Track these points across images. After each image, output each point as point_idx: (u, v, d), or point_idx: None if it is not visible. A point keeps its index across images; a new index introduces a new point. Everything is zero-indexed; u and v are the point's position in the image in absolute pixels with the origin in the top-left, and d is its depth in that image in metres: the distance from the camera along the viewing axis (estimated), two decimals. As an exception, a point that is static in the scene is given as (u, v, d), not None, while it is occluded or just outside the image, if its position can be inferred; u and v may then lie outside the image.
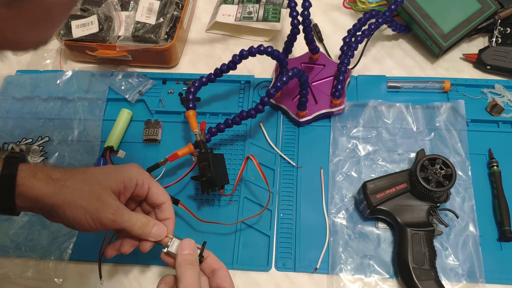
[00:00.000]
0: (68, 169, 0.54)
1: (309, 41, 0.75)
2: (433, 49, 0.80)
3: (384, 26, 0.83)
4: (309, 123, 0.77)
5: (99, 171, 0.55)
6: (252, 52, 0.67)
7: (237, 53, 0.68)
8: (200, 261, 0.54)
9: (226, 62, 0.71)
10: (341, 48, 0.78)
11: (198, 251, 0.54)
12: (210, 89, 0.80)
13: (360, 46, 0.77)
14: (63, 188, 0.51)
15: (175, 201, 0.67)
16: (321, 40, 0.87)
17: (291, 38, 0.75)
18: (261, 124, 0.78)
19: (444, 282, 0.63)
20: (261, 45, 0.67)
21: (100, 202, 0.52)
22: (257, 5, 0.87)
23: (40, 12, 0.33)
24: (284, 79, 0.64)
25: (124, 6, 0.84)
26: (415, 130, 0.75)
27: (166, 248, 0.54)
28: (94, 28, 0.81)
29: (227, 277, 0.53)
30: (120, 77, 0.83)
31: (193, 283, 0.50)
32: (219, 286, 0.52)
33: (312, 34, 0.74)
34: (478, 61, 0.80)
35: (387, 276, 0.65)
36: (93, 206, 0.52)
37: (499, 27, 0.81)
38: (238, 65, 0.71)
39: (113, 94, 0.82)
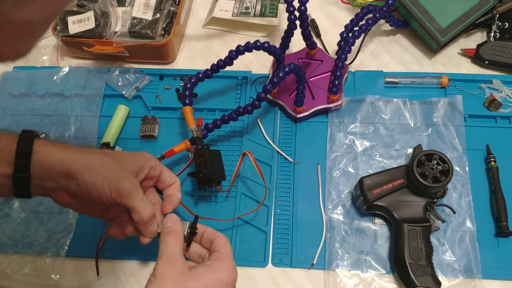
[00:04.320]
0: (84, 147, 0.55)
1: (306, 37, 0.75)
2: (431, 44, 0.80)
3: (382, 21, 0.83)
4: (306, 119, 0.77)
5: (115, 153, 0.56)
6: (248, 47, 0.67)
7: (234, 48, 0.68)
8: (194, 233, 0.54)
9: (223, 58, 0.71)
10: (339, 44, 0.77)
11: (187, 225, 0.54)
12: (207, 85, 0.80)
13: (358, 42, 0.76)
14: (83, 156, 0.52)
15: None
16: (318, 35, 0.86)
17: (288, 34, 0.75)
18: (258, 120, 0.78)
19: (440, 277, 0.63)
20: (257, 41, 0.67)
21: (121, 172, 0.52)
22: (254, 0, 0.87)
23: (19, 25, 0.31)
24: (281, 74, 0.64)
25: (121, 2, 0.84)
26: (412, 125, 0.74)
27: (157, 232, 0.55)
28: (90, 24, 0.81)
29: (221, 243, 0.52)
30: (117, 73, 0.83)
31: (166, 250, 0.50)
32: (213, 251, 0.52)
33: (309, 29, 0.74)
34: (476, 56, 0.80)
35: (384, 271, 0.65)
36: (114, 173, 0.52)
37: (497, 22, 0.80)
38: (235, 61, 0.70)
39: (110, 90, 0.82)
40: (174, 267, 0.48)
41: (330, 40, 0.86)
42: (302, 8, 0.68)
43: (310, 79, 0.78)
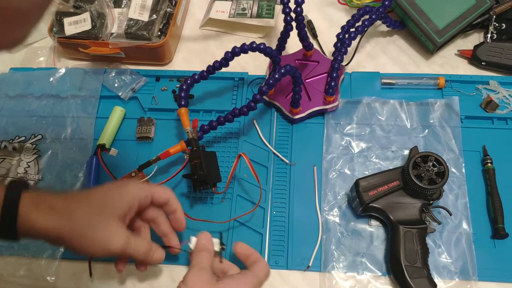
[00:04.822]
0: (70, 195, 0.54)
1: (302, 38, 0.75)
2: (428, 45, 0.80)
3: (379, 22, 0.83)
4: (302, 120, 0.77)
5: (103, 197, 0.55)
6: (244, 49, 0.67)
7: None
8: (223, 249, 0.58)
9: (219, 59, 0.70)
10: (335, 45, 0.77)
11: (217, 242, 0.58)
12: (203, 86, 0.80)
13: (354, 43, 0.76)
14: (69, 220, 0.51)
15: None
16: (315, 36, 0.86)
17: (284, 35, 0.75)
18: (254, 121, 0.77)
19: (436, 279, 0.62)
20: (253, 42, 0.66)
21: (108, 231, 0.53)
22: (251, 2, 0.87)
23: (13, 13, 0.31)
24: (276, 76, 0.64)
25: (117, 3, 0.84)
26: (409, 127, 0.74)
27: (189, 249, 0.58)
28: (86, 25, 0.81)
29: (260, 267, 0.56)
30: (113, 74, 0.83)
31: (198, 263, 0.54)
32: (248, 270, 0.55)
33: (306, 30, 0.74)
34: (473, 57, 0.80)
35: (380, 273, 0.64)
36: (101, 235, 0.52)
37: (494, 23, 0.80)
38: (231, 62, 0.70)
39: (106, 92, 0.82)
40: (203, 277, 0.52)
41: (326, 41, 0.86)
42: (298, 9, 0.68)
43: (307, 80, 0.78)
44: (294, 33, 0.74)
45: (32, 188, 0.53)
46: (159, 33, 0.81)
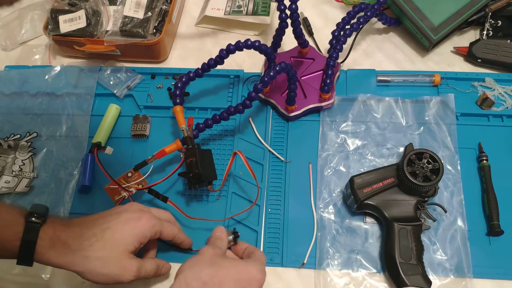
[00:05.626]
0: (84, 231, 0.56)
1: (297, 35, 0.74)
2: (424, 42, 0.80)
3: (375, 19, 0.83)
4: (298, 117, 0.76)
5: (117, 231, 0.57)
6: (239, 46, 0.67)
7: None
8: (237, 236, 0.61)
9: (214, 57, 0.70)
10: (330, 42, 0.77)
11: (231, 232, 0.61)
12: (199, 84, 0.79)
13: (350, 40, 0.76)
14: (83, 258, 0.55)
15: (164, 199, 0.67)
16: (311, 34, 0.86)
17: (280, 32, 0.74)
18: (250, 119, 0.77)
19: (431, 277, 0.62)
20: (248, 40, 0.66)
21: (121, 268, 0.56)
22: (246, -1, 0.87)
23: None
24: (271, 74, 0.64)
25: (112, 1, 0.83)
26: (404, 124, 0.74)
27: None
28: (81, 23, 0.80)
29: (259, 254, 0.59)
30: (108, 72, 0.83)
31: (213, 243, 0.58)
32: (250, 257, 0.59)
33: (301, 28, 0.73)
34: (469, 54, 0.80)
35: (374, 271, 0.64)
36: (115, 272, 0.56)
37: (490, 20, 0.80)
38: (227, 60, 0.70)
39: (102, 89, 0.82)
40: (216, 250, 0.56)
41: (322, 38, 0.85)
42: (293, 6, 0.68)
43: (302, 78, 0.77)
44: (289, 31, 0.74)
45: (50, 219, 0.56)
46: (154, 30, 0.81)
